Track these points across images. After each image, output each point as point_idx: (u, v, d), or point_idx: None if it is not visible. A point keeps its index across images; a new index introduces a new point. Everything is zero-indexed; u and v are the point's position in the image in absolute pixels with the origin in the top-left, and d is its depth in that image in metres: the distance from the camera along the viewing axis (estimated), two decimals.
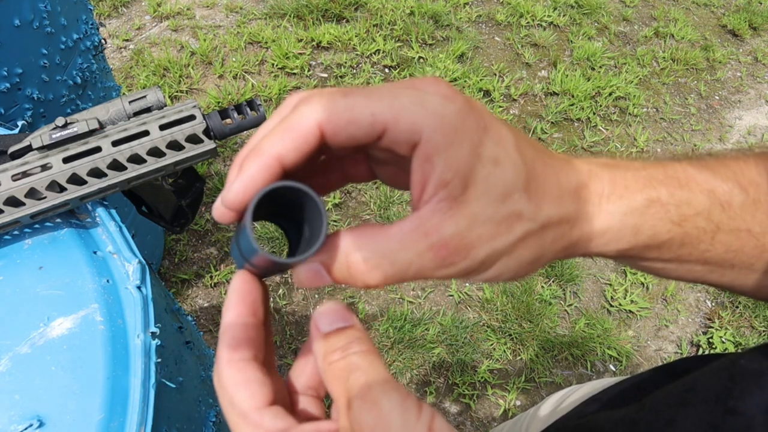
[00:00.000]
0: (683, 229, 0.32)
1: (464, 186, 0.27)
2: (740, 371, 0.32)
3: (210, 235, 1.82)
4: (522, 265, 0.30)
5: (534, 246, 0.29)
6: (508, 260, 0.29)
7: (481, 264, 0.28)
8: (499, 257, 0.29)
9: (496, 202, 0.27)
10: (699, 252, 0.32)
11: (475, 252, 0.27)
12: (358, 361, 0.27)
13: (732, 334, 1.80)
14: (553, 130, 2.28)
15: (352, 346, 0.28)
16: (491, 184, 0.27)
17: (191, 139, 0.63)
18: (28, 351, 0.54)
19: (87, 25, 1.10)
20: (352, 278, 0.28)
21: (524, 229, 0.28)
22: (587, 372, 1.71)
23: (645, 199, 0.31)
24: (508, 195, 0.27)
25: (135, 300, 0.59)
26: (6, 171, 0.58)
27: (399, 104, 0.26)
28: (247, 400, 0.27)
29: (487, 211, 0.27)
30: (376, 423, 0.25)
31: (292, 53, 2.29)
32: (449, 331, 1.69)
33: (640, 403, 0.36)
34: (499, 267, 0.29)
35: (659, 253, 0.33)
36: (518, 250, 0.29)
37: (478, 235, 0.27)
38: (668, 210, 0.32)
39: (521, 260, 0.29)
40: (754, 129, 2.47)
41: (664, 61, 2.63)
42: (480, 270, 0.29)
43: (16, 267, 0.60)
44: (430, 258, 0.27)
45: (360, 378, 0.26)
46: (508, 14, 2.66)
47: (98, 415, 0.51)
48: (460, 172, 0.26)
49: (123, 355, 0.55)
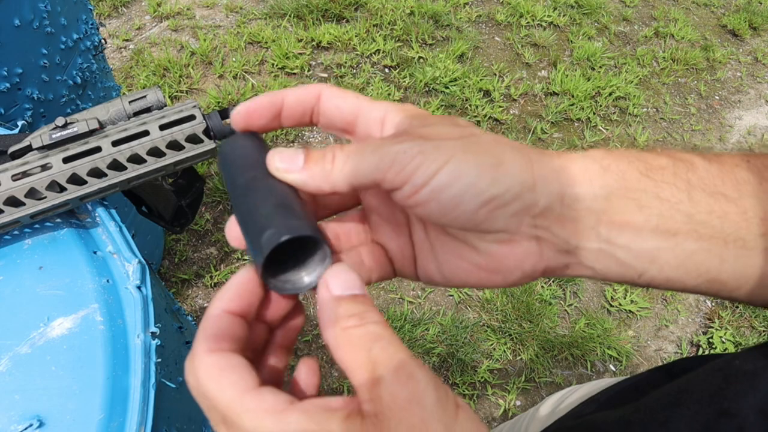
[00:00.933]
0: (653, 181, 0.31)
1: (422, 124, 0.31)
2: (734, 372, 0.32)
3: (210, 235, 1.82)
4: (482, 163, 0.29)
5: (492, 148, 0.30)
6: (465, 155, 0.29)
7: (436, 147, 0.29)
8: (453, 149, 0.29)
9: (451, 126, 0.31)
10: (682, 215, 0.30)
11: (429, 135, 0.30)
12: (380, 331, 0.26)
13: (732, 334, 1.80)
14: (553, 130, 2.28)
15: (369, 315, 0.26)
16: (446, 121, 0.32)
17: (191, 139, 0.63)
18: (28, 351, 0.54)
19: (87, 25, 1.10)
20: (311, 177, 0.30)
21: (478, 137, 0.31)
22: (587, 372, 1.71)
23: (603, 149, 0.32)
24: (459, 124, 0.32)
25: (135, 300, 0.59)
26: (6, 171, 0.58)
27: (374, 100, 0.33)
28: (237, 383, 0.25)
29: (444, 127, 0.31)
30: (411, 397, 0.24)
31: (292, 53, 2.29)
32: (449, 331, 1.69)
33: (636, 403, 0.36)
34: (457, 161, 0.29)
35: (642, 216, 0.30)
36: (474, 146, 0.30)
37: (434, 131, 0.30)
38: (630, 160, 0.31)
39: (480, 157, 0.29)
40: (754, 129, 2.47)
41: (664, 61, 2.63)
42: (436, 158, 0.29)
43: (16, 267, 0.60)
44: (387, 138, 0.31)
45: (387, 349, 0.25)
46: (508, 14, 2.66)
47: (98, 415, 0.51)
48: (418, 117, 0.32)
49: (123, 355, 0.55)
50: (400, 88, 2.27)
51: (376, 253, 0.35)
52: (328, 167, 0.30)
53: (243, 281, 0.29)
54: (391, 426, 0.24)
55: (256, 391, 0.25)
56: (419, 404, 0.24)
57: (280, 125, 0.35)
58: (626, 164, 0.31)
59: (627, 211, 0.30)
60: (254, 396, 0.25)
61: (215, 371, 0.26)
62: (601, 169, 0.31)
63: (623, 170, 0.31)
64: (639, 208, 0.30)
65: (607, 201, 0.30)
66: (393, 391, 0.24)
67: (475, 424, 0.25)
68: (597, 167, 0.31)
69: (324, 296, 0.28)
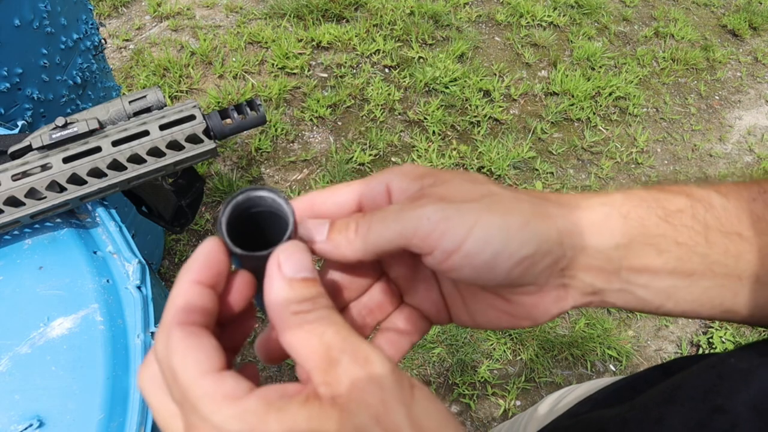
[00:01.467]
0: (672, 225, 0.31)
1: (435, 182, 0.31)
2: (728, 369, 0.32)
3: (210, 235, 1.82)
4: (509, 225, 0.29)
5: (514, 208, 0.30)
6: (489, 217, 0.29)
7: (458, 211, 0.29)
8: (478, 212, 0.29)
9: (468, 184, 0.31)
10: (699, 256, 0.31)
11: (451, 198, 0.30)
12: (333, 317, 0.26)
13: (732, 334, 1.80)
14: (553, 130, 2.28)
15: (320, 300, 0.26)
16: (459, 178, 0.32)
17: (191, 139, 0.63)
18: (28, 351, 0.54)
19: (87, 25, 1.10)
20: (335, 247, 0.30)
21: (498, 197, 0.30)
22: (587, 372, 1.71)
23: (622, 194, 0.32)
24: (475, 181, 0.32)
25: (135, 300, 0.59)
26: (6, 171, 0.58)
27: (368, 177, 0.33)
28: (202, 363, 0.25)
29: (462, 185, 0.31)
30: (369, 378, 0.24)
31: (292, 53, 2.29)
32: (449, 331, 1.69)
33: (631, 402, 0.36)
34: (484, 225, 0.29)
35: (661, 260, 0.31)
36: (498, 208, 0.30)
37: (455, 193, 0.30)
38: (649, 204, 0.32)
39: (505, 219, 0.29)
40: (754, 129, 2.47)
41: (664, 61, 2.63)
42: (462, 223, 0.29)
43: (16, 267, 0.60)
44: (407, 203, 0.30)
45: (340, 332, 0.25)
46: (508, 14, 2.66)
47: (98, 415, 0.51)
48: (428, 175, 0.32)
49: (123, 355, 0.56)
50: (400, 88, 2.27)
51: (412, 317, 0.36)
52: (352, 236, 0.30)
53: (210, 250, 0.28)
54: (351, 407, 0.23)
55: (219, 374, 0.25)
56: (378, 385, 0.24)
57: None
58: (645, 210, 0.32)
59: (647, 256, 0.31)
60: (215, 380, 0.24)
61: (182, 346, 0.25)
62: (621, 217, 0.31)
63: (642, 217, 0.31)
64: (658, 253, 0.31)
65: (628, 248, 0.31)
66: (351, 373, 0.24)
67: (432, 403, 0.25)
68: (617, 215, 0.31)
69: (273, 275, 0.27)
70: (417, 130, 2.16)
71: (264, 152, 2.03)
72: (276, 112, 2.13)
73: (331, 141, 2.10)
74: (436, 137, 2.15)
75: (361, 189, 0.32)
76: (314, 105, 2.15)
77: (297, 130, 2.11)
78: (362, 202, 0.32)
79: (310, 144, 2.09)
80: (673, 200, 0.32)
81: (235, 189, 1.90)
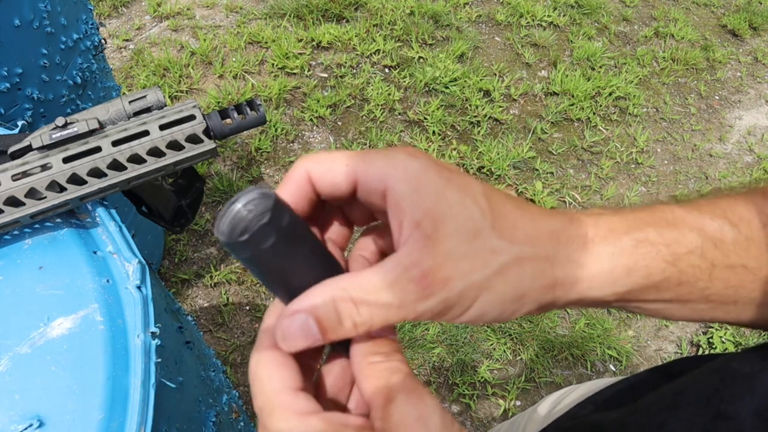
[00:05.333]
0: (678, 268, 0.31)
1: (435, 225, 0.28)
2: (731, 374, 0.32)
3: (210, 235, 1.82)
4: (504, 301, 0.30)
5: (513, 280, 0.29)
6: (488, 295, 0.29)
7: (461, 296, 0.29)
8: (478, 291, 0.29)
9: (468, 239, 0.29)
10: (698, 290, 0.32)
11: (453, 283, 0.28)
12: (401, 368, 0.29)
13: (732, 334, 1.80)
14: (553, 130, 2.28)
15: (395, 355, 0.30)
16: (460, 223, 0.29)
17: (191, 139, 0.63)
18: (28, 351, 0.54)
19: (87, 25, 1.10)
20: (341, 324, 0.29)
21: (499, 262, 0.29)
22: (587, 372, 1.71)
23: (632, 239, 0.31)
24: (477, 233, 0.29)
25: (135, 300, 0.59)
26: (6, 171, 0.58)
27: (369, 159, 0.30)
28: (282, 381, 0.29)
29: (461, 248, 0.28)
30: (418, 417, 0.27)
31: (292, 53, 2.29)
32: (449, 331, 1.69)
33: (632, 405, 0.36)
34: (481, 304, 0.29)
35: (658, 294, 0.32)
36: (497, 284, 0.29)
37: (454, 268, 0.28)
38: (659, 250, 0.31)
39: (502, 296, 0.29)
40: (754, 129, 2.47)
41: (664, 61, 2.63)
42: (461, 305, 0.29)
43: (16, 267, 0.60)
44: (411, 289, 0.28)
45: (405, 380, 0.28)
46: (508, 14, 2.66)
47: (98, 415, 0.51)
48: (429, 212, 0.28)
49: (123, 355, 0.55)
50: (400, 88, 2.27)
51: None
52: (351, 335, 0.29)
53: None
54: None
55: (295, 392, 0.29)
56: (425, 424, 0.27)
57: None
58: (653, 257, 0.31)
59: (644, 295, 0.32)
60: (291, 396, 0.28)
61: (272, 364, 0.29)
62: (625, 269, 0.31)
63: (648, 266, 0.31)
64: (657, 292, 0.32)
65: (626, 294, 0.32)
66: (403, 410, 0.27)
67: None
68: (622, 268, 0.31)
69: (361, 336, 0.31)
70: (417, 130, 2.16)
71: (264, 152, 2.03)
72: (276, 112, 2.13)
73: (331, 141, 2.10)
74: (436, 137, 2.15)
75: (358, 172, 0.30)
76: (314, 105, 2.15)
77: (297, 130, 2.11)
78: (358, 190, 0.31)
79: (310, 144, 2.09)
80: (684, 241, 0.32)
81: (235, 189, 1.90)
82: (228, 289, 1.73)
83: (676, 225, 0.32)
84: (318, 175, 0.31)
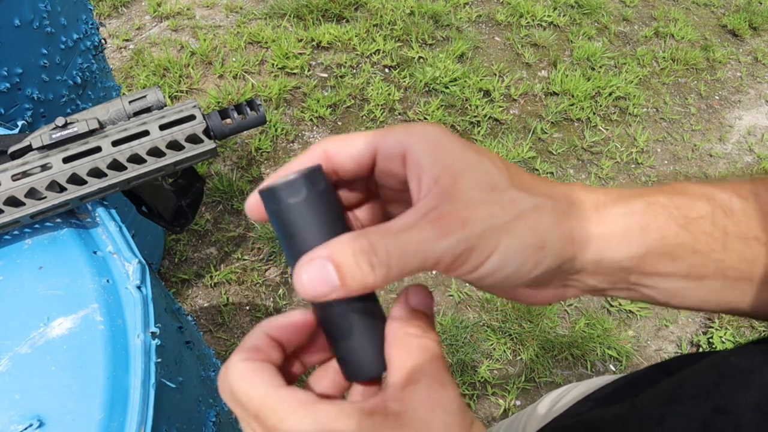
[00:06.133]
0: (691, 233, 0.31)
1: (454, 180, 0.29)
2: (730, 368, 0.32)
3: (210, 235, 1.82)
4: (526, 248, 0.29)
5: (534, 225, 0.29)
6: (509, 239, 0.29)
7: (481, 237, 0.28)
8: (499, 235, 0.28)
9: (487, 191, 0.29)
10: (713, 263, 0.32)
11: (472, 224, 0.28)
12: (433, 347, 0.29)
13: (732, 334, 1.80)
14: (553, 130, 2.28)
15: (431, 333, 0.30)
16: (478, 178, 0.29)
17: (191, 139, 0.63)
18: (28, 351, 0.54)
19: (87, 25, 1.10)
20: (359, 267, 0.28)
21: (519, 209, 0.29)
22: (587, 372, 1.71)
23: (644, 202, 0.32)
24: (496, 186, 0.29)
25: (135, 300, 0.59)
26: (6, 171, 0.58)
27: (388, 130, 0.31)
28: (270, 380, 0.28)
29: (480, 197, 0.29)
30: (439, 402, 0.27)
31: (292, 53, 2.29)
32: (449, 331, 1.69)
33: (631, 401, 0.36)
34: (502, 250, 0.29)
35: (674, 265, 0.32)
36: (518, 227, 0.29)
37: (474, 212, 0.28)
38: (671, 212, 0.32)
39: (523, 241, 0.29)
40: (754, 129, 2.47)
41: (664, 61, 2.63)
42: (481, 249, 0.28)
43: (16, 267, 0.60)
44: (429, 229, 0.28)
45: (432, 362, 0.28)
46: (508, 14, 2.67)
47: (98, 415, 0.51)
48: (448, 168, 0.29)
49: (123, 355, 0.56)
50: (400, 88, 2.27)
51: None
52: (369, 280, 0.28)
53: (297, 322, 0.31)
54: (412, 425, 0.26)
55: (287, 387, 0.28)
56: (445, 409, 0.27)
57: None
58: (665, 219, 0.32)
59: (660, 264, 0.32)
60: (287, 391, 0.28)
61: (248, 372, 0.28)
62: (640, 229, 0.31)
63: (662, 227, 0.32)
64: (673, 260, 0.32)
65: (643, 258, 0.32)
66: (425, 394, 0.27)
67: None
68: (636, 227, 0.31)
69: (401, 301, 0.31)
70: None
71: (264, 152, 2.03)
72: (276, 112, 2.13)
73: None
74: None
75: (377, 143, 0.31)
76: (314, 105, 2.15)
77: (297, 130, 2.11)
78: (378, 159, 0.31)
79: (310, 144, 2.09)
80: (694, 206, 0.32)
81: (235, 189, 1.90)
82: (228, 289, 1.73)
83: (685, 193, 0.32)
84: (335, 149, 0.31)
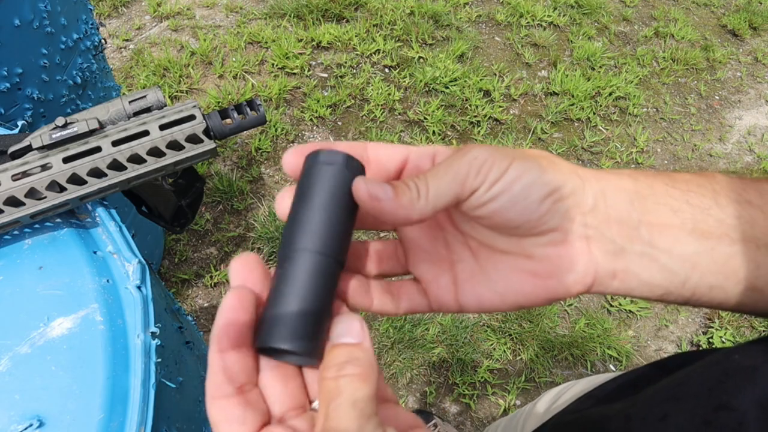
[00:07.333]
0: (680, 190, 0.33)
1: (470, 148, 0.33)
2: (733, 366, 0.32)
3: (210, 235, 1.82)
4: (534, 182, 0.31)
5: (539, 154, 0.33)
6: (521, 159, 0.32)
7: (496, 156, 0.31)
8: (512, 156, 0.32)
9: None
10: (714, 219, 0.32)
11: (487, 148, 0.32)
12: (344, 387, 0.28)
13: (732, 333, 1.80)
14: (553, 130, 2.28)
15: (346, 367, 0.28)
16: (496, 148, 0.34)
17: (191, 139, 0.63)
18: (28, 351, 0.54)
19: (87, 25, 1.10)
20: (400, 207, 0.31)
21: (531, 152, 0.33)
22: (587, 372, 1.71)
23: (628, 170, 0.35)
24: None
25: (135, 300, 0.59)
26: (6, 171, 0.58)
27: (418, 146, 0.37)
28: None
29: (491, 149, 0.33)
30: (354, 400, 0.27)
31: (292, 53, 2.29)
32: (449, 331, 1.69)
33: (633, 398, 0.36)
34: (516, 166, 0.31)
35: (678, 218, 0.33)
36: (527, 154, 0.32)
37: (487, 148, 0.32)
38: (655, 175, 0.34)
39: (534, 161, 0.32)
40: (754, 129, 2.47)
41: (664, 61, 2.63)
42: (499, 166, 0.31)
43: (16, 267, 0.60)
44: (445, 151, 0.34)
45: (339, 407, 0.28)
46: (508, 14, 2.66)
47: (98, 415, 0.51)
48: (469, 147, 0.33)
49: (123, 355, 0.56)
50: (400, 88, 2.27)
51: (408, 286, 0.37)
52: (415, 196, 0.31)
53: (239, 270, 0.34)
54: None
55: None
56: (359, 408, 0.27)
57: None
58: (652, 178, 0.34)
59: (662, 215, 0.33)
60: None
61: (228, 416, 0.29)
62: (631, 179, 0.34)
63: (650, 182, 0.34)
64: (673, 211, 0.33)
65: (643, 204, 0.33)
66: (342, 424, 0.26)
67: None
68: (626, 177, 0.34)
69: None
70: (417, 130, 2.16)
71: (264, 152, 2.03)
72: (276, 112, 2.13)
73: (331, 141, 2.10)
74: (436, 137, 2.15)
75: (410, 149, 0.35)
76: (314, 105, 2.15)
77: (297, 130, 2.11)
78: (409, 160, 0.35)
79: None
80: (678, 174, 0.34)
81: (235, 189, 1.90)
82: (228, 289, 1.72)
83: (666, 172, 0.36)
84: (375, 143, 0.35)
